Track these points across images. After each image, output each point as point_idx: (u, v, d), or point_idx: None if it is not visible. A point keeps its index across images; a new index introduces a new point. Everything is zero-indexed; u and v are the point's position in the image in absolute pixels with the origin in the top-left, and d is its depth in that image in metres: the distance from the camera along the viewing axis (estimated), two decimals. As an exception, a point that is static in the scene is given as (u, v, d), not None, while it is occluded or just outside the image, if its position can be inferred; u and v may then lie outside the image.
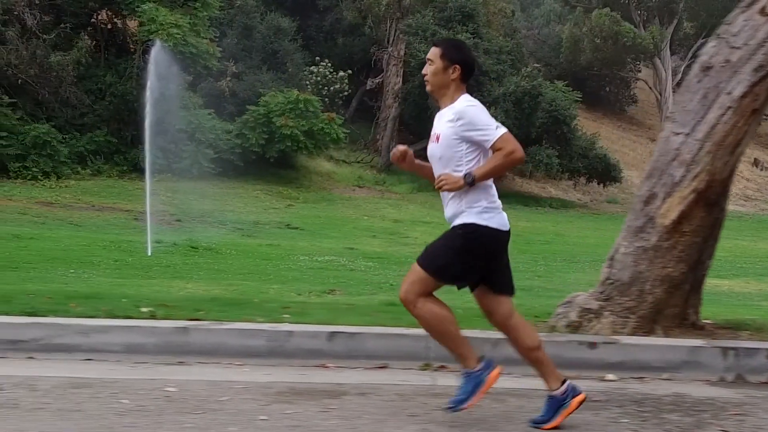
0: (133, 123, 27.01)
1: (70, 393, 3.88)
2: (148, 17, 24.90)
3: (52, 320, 4.57)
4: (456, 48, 4.07)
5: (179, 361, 4.46)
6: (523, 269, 16.61)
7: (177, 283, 12.07)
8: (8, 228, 17.30)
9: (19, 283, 10.48)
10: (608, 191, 34.64)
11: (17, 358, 4.39)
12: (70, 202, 22.24)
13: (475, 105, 3.91)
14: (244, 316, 5.10)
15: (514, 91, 29.21)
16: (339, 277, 13.76)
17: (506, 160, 3.89)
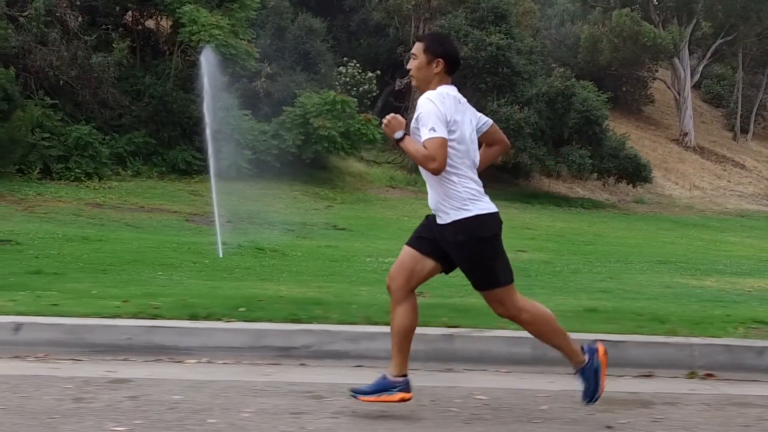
0: (171, 124, 27.10)
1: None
2: (189, 18, 24.91)
3: (322, 327, 4.64)
4: (439, 42, 4.13)
5: (447, 368, 4.54)
6: (586, 270, 16.73)
7: (270, 286, 12.12)
8: (71, 230, 17.35)
9: (122, 286, 10.55)
10: (635, 191, 34.80)
11: (290, 365, 4.46)
12: (116, 203, 22.25)
13: (432, 99, 3.94)
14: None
15: (547, 92, 29.31)
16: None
17: (421, 159, 3.90)
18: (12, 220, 18.20)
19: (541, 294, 12.27)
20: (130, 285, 10.81)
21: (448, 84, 4.05)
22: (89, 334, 4.55)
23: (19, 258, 13.59)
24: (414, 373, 4.32)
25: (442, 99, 3.94)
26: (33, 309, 4.95)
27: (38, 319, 4.68)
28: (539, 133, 29.23)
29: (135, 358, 4.49)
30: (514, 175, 33.58)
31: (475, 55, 29.26)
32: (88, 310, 4.87)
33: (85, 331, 4.55)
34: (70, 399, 3.70)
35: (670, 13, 46.08)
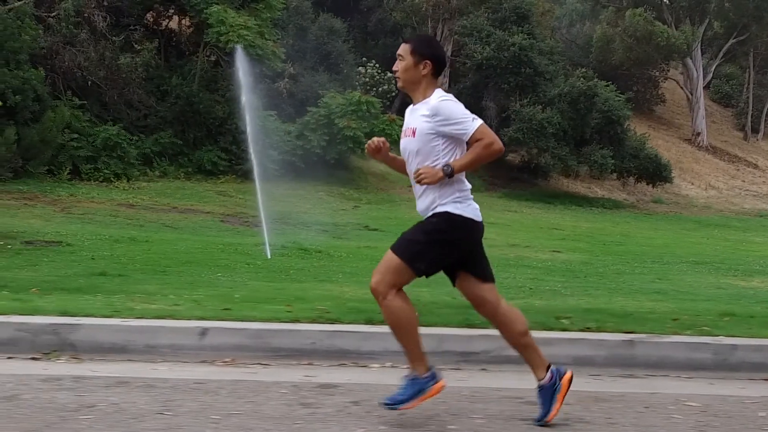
0: (197, 124, 27.12)
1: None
2: (217, 19, 24.93)
3: None
4: (426, 43, 4.08)
5: (628, 374, 4.58)
6: (629, 272, 16.78)
7: (333, 287, 12.19)
8: (114, 231, 17.37)
9: (191, 288, 10.60)
10: (652, 191, 34.90)
11: (470, 369, 4.50)
12: (148, 204, 22.26)
13: (449, 99, 3.92)
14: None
15: (569, 92, 29.38)
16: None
17: (485, 151, 3.85)
18: (53, 221, 18.21)
19: (599, 296, 12.33)
20: (199, 287, 10.86)
21: (435, 85, 4.00)
22: (274, 338, 4.59)
23: (75, 259, 13.61)
24: (598, 379, 4.37)
25: (452, 96, 3.97)
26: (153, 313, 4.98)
27: (224, 323, 4.71)
28: (561, 133, 29.31)
29: (319, 362, 4.53)
30: (533, 175, 33.66)
31: (497, 56, 29.34)
32: (257, 314, 4.90)
33: (270, 336, 4.59)
34: (297, 404, 3.72)
35: (683, 13, 46.17)
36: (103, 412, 3.52)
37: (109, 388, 3.89)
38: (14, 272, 11.99)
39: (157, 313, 4.93)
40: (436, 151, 3.87)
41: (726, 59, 49.15)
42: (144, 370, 4.28)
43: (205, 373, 4.24)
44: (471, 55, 29.98)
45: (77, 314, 4.72)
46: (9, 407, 3.57)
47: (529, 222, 26.27)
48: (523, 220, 26.59)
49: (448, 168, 3.81)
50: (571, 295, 12.81)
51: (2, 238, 14.97)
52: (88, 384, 3.95)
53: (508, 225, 25.11)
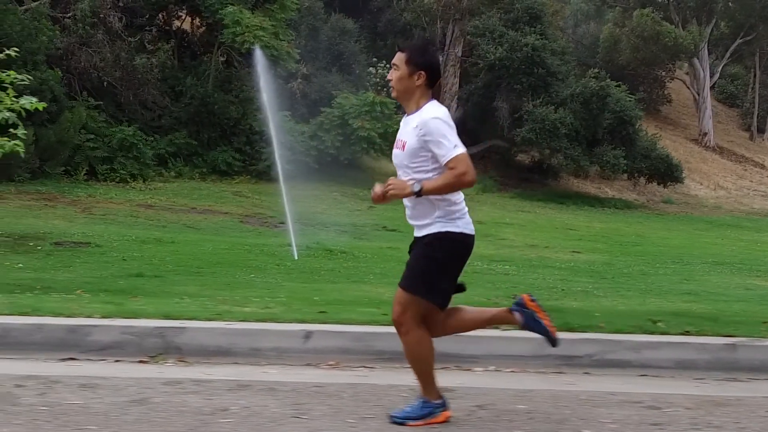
0: (211, 125, 27.12)
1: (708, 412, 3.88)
2: (232, 20, 24.93)
3: (605, 336, 4.71)
4: (421, 53, 4.06)
5: (731, 377, 4.60)
6: (653, 272, 16.82)
7: (368, 288, 12.22)
8: (138, 231, 17.39)
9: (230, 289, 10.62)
10: (662, 191, 34.95)
11: (574, 373, 4.52)
12: (166, 204, 22.27)
13: (439, 117, 3.89)
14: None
15: (582, 92, 29.42)
16: (503, 281, 13.90)
17: (455, 180, 3.85)
18: (76, 222, 18.21)
19: (632, 297, 12.38)
20: (237, 288, 10.89)
21: (429, 95, 4.00)
22: (376, 341, 4.61)
23: (108, 260, 13.63)
24: (704, 383, 4.39)
25: (448, 116, 3.95)
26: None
27: (326, 327, 4.73)
28: (574, 134, 29.34)
29: None
30: (543, 175, 33.70)
31: (510, 56, 29.35)
32: (355, 317, 4.92)
33: (372, 339, 4.61)
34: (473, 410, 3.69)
35: (689, 13, 46.21)
36: (240, 416, 3.53)
37: (233, 391, 3.91)
38: (51, 273, 12.02)
39: (259, 316, 4.94)
40: (424, 166, 3.86)
41: (732, 59, 49.21)
42: (255, 373, 4.30)
43: (316, 376, 4.26)
44: (484, 55, 29.98)
45: (179, 317, 4.75)
46: (144, 411, 3.58)
47: (543, 222, 26.29)
48: (538, 220, 26.60)
49: (417, 186, 3.79)
50: (604, 296, 12.86)
51: (31, 240, 14.98)
52: (210, 387, 3.96)
53: (524, 225, 25.13)
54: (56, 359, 4.34)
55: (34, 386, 3.79)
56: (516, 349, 4.61)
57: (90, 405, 3.66)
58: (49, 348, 4.37)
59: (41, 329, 4.39)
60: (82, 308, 4.79)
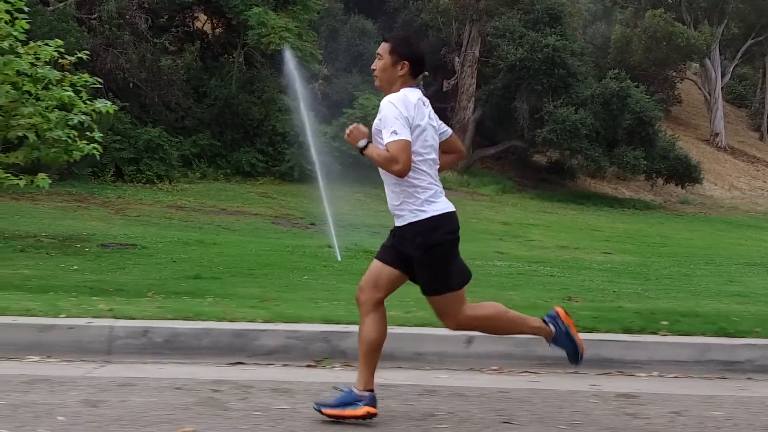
0: (234, 126, 27.15)
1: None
2: (258, 21, 24.95)
3: (763, 341, 4.73)
4: (405, 43, 4.06)
5: None
6: (692, 273, 16.86)
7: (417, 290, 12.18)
8: (177, 233, 17.42)
9: (293, 291, 10.66)
10: (678, 192, 35.03)
11: (736, 378, 4.54)
12: (195, 205, 22.31)
13: (392, 102, 3.89)
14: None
15: (602, 93, 29.48)
16: (552, 283, 13.93)
17: (385, 162, 3.91)
18: (114, 223, 18.24)
19: (686, 299, 12.40)
20: (297, 289, 10.91)
21: (412, 86, 3.99)
22: (537, 346, 4.64)
23: (159, 262, 13.65)
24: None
25: (404, 102, 3.89)
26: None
27: None
28: (594, 135, 29.40)
29: (584, 371, 4.58)
30: (560, 176, 33.76)
31: (530, 57, 29.40)
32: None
33: (533, 344, 4.64)
34: (623, 414, 3.69)
35: (701, 14, 46.31)
36: (452, 422, 3.56)
37: (424, 396, 3.94)
38: (111, 275, 12.03)
39: (416, 321, 4.97)
40: (383, 147, 3.90)
41: (742, 60, 49.31)
42: (427, 377, 4.33)
43: (489, 381, 4.29)
44: (504, 56, 30.01)
45: (340, 321, 4.77)
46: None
47: (567, 223, 26.35)
48: (561, 221, 26.65)
49: (364, 142, 3.96)
50: (657, 297, 12.89)
51: (76, 241, 14.99)
52: (401, 392, 3.99)
53: (548, 226, 25.18)
54: (226, 363, 4.37)
55: (231, 391, 3.81)
56: (677, 355, 4.64)
57: (300, 410, 3.68)
58: (217, 352, 4.39)
59: (209, 333, 4.40)
60: (234, 312, 4.81)
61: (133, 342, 4.40)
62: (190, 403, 3.68)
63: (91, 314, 4.68)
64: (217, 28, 30.41)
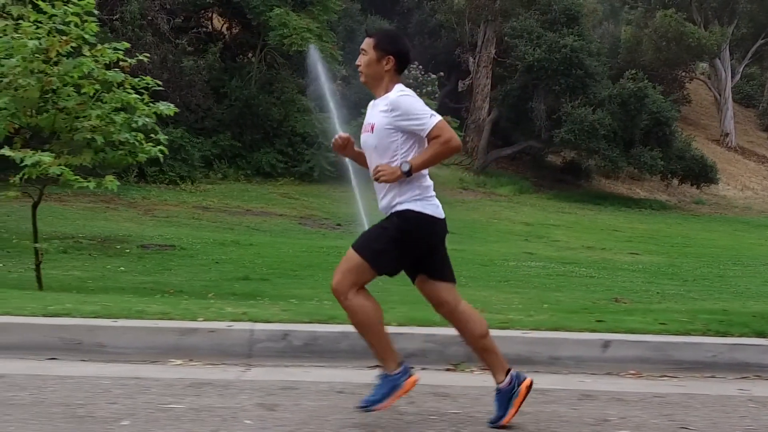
0: (254, 127, 27.15)
1: None
2: (279, 22, 24.95)
3: None
4: (390, 39, 3.96)
5: None
6: (726, 275, 16.87)
7: (473, 293, 12.28)
8: (210, 233, 17.44)
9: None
10: (692, 192, 35.07)
11: None
12: (220, 206, 22.32)
13: (408, 94, 3.79)
14: None
15: (619, 93, 29.52)
16: (594, 284, 13.97)
17: (443, 147, 3.72)
18: (146, 224, 18.25)
19: (731, 300, 12.44)
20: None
21: (398, 82, 3.87)
22: (674, 351, 4.65)
23: (202, 263, 13.69)
24: None
25: (411, 92, 3.83)
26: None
27: (625, 336, 4.78)
28: (611, 135, 29.44)
29: (722, 374, 4.59)
30: (575, 176, 33.80)
31: (548, 57, 29.44)
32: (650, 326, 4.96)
33: (670, 348, 4.65)
34: None
35: (711, 14, 46.37)
36: (628, 427, 3.57)
37: (584, 401, 3.94)
38: (161, 276, 12.06)
39: (550, 325, 4.98)
40: (395, 146, 3.76)
41: (752, 60, 49.38)
42: (573, 382, 4.34)
43: (636, 386, 4.30)
44: (521, 56, 30.04)
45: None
46: (538, 420, 3.60)
47: (587, 223, 26.38)
48: (581, 221, 26.68)
49: (407, 166, 3.71)
50: (702, 299, 12.93)
51: (115, 242, 15.02)
52: (557, 397, 4.00)
53: (570, 227, 25.21)
54: (365, 367, 4.38)
55: (415, 396, 3.82)
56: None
57: (473, 414, 3.68)
58: (354, 355, 4.40)
59: (347, 337, 4.40)
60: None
61: (273, 345, 4.42)
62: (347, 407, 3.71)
63: (229, 318, 4.69)
64: (231, 28, 30.43)
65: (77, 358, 4.40)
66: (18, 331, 4.52)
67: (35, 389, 3.78)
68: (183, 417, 3.44)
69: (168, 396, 3.73)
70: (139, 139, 9.07)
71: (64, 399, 3.62)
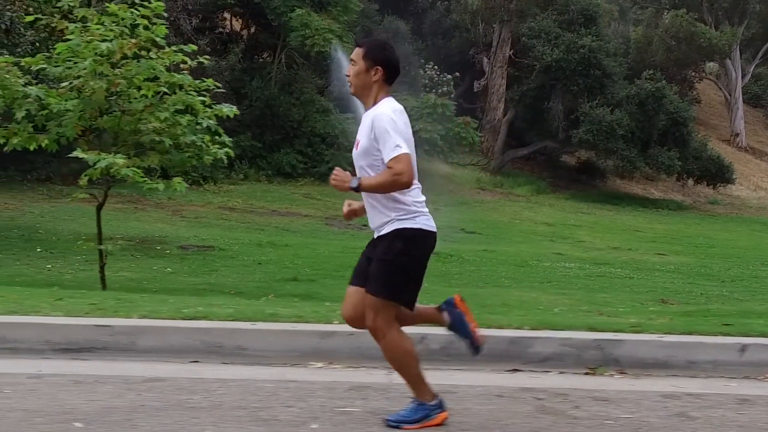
0: (275, 127, 27.15)
1: None
2: (301, 22, 24.95)
3: None
4: (379, 49, 3.92)
5: None
6: (755, 275, 16.90)
7: (521, 294, 12.31)
8: (243, 234, 17.46)
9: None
10: (706, 192, 35.10)
11: None
12: (245, 207, 22.34)
13: (389, 115, 3.70)
14: None
15: (637, 93, 29.56)
16: (637, 286, 14.00)
17: (391, 179, 3.66)
18: (177, 225, 18.27)
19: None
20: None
21: (388, 92, 3.84)
22: None
23: (244, 264, 13.73)
24: None
25: (398, 115, 3.74)
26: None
27: (759, 340, 4.80)
28: (629, 135, 29.47)
29: None
30: (590, 176, 33.82)
31: (566, 58, 29.46)
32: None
33: None
34: None
35: (722, 14, 46.41)
36: None
37: (744, 405, 3.95)
38: (206, 278, 12.09)
39: (683, 328, 4.99)
40: (377, 163, 3.73)
41: (762, 60, 49.43)
42: (718, 386, 4.33)
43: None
44: (540, 57, 30.06)
45: (604, 330, 4.80)
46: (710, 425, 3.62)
47: (607, 224, 26.40)
48: (601, 222, 26.70)
49: (355, 182, 3.75)
50: (746, 299, 12.95)
51: (154, 243, 15.03)
52: (719, 401, 3.99)
53: (591, 227, 25.23)
54: (503, 370, 4.40)
55: (552, 399, 3.82)
56: None
57: (648, 420, 3.68)
58: (491, 359, 4.41)
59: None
60: (500, 320, 4.82)
61: (410, 349, 4.43)
62: (530, 411, 3.74)
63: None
64: (245, 28, 30.45)
65: (218, 361, 4.42)
66: (160, 334, 4.53)
67: (204, 392, 3.80)
68: (366, 420, 3.39)
69: (336, 399, 3.75)
70: (206, 141, 9.08)
71: (239, 402, 3.63)
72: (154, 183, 8.65)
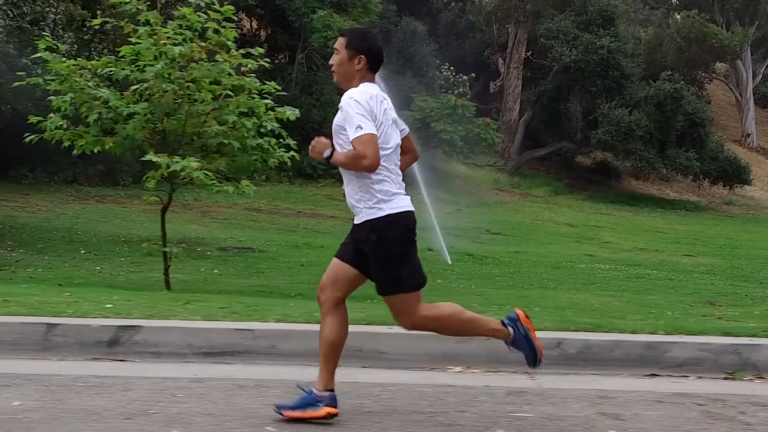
0: (295, 128, 27.09)
1: None
2: (323, 24, 24.99)
3: None
4: (362, 38, 3.98)
5: None
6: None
7: (567, 295, 12.31)
8: (277, 236, 17.47)
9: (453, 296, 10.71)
10: (721, 193, 35.15)
11: None
12: (271, 208, 22.39)
13: (355, 97, 3.76)
14: None
15: (655, 94, 29.61)
16: (679, 287, 13.99)
17: (353, 160, 3.75)
18: (211, 226, 18.29)
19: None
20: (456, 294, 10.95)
21: (372, 81, 3.90)
22: None
23: (289, 266, 13.76)
24: None
25: (366, 96, 3.79)
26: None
27: None
28: (647, 136, 29.52)
29: None
30: (606, 177, 33.87)
31: (585, 58, 29.51)
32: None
33: None
34: None
35: (733, 15, 46.47)
36: None
37: None
38: (256, 279, 12.09)
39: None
40: (346, 143, 3.80)
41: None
42: None
43: None
44: (558, 57, 30.10)
45: (738, 334, 4.82)
46: None
47: (628, 225, 26.44)
48: (622, 222, 26.74)
49: (328, 152, 3.83)
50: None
51: (195, 245, 15.04)
52: None
53: (614, 228, 25.26)
54: (640, 375, 4.42)
55: (713, 404, 3.84)
56: None
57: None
58: (628, 364, 4.45)
59: (620, 345, 4.47)
60: (635, 324, 4.84)
61: (548, 353, 4.44)
62: (699, 417, 3.75)
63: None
64: (266, 29, 30.48)
65: (358, 365, 4.43)
66: (300, 337, 4.54)
67: (370, 396, 3.81)
68: (544, 426, 3.38)
69: (503, 404, 3.77)
70: (272, 144, 9.11)
71: (409, 406, 3.64)
72: (224, 186, 8.65)
